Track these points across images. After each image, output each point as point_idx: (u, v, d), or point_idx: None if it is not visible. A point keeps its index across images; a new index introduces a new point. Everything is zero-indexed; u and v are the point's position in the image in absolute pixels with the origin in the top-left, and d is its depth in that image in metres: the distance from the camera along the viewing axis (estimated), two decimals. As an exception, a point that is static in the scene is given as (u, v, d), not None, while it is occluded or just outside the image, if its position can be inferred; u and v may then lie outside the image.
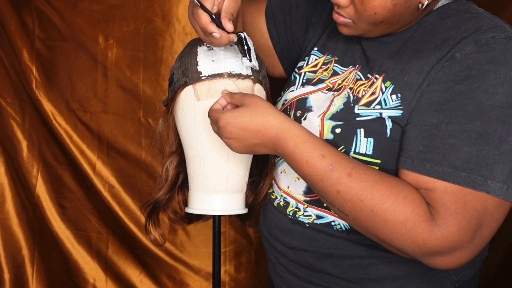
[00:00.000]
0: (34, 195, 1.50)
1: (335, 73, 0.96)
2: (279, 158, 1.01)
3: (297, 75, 1.01)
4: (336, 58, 0.97)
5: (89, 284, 1.54)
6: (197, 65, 0.94)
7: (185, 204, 1.07)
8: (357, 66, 0.93)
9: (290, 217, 0.95)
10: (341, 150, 0.85)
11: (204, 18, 0.83)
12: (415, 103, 0.81)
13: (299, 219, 0.94)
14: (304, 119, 0.92)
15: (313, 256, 0.93)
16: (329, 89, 0.94)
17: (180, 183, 1.07)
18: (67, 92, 1.46)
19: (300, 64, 1.03)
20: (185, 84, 0.95)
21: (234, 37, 0.85)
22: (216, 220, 1.06)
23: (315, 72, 0.99)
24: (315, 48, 1.02)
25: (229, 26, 0.84)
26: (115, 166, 1.50)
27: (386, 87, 0.85)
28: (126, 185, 1.50)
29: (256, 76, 0.96)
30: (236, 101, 0.87)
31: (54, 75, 1.46)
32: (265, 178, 1.05)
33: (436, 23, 0.85)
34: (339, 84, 0.93)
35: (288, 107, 0.98)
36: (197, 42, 0.98)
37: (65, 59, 1.45)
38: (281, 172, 1.00)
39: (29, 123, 1.48)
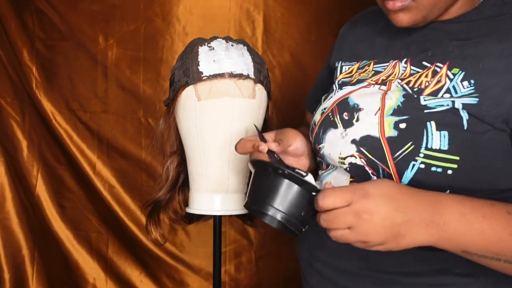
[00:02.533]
0: (34, 195, 1.50)
1: (376, 73, 0.85)
2: (323, 171, 0.88)
3: (332, 86, 0.91)
4: (376, 60, 0.87)
5: (89, 284, 1.53)
6: (198, 65, 0.94)
7: (186, 204, 1.07)
8: (405, 59, 0.83)
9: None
10: (409, 147, 0.73)
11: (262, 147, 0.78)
12: (498, 92, 0.71)
13: None
14: (357, 120, 0.80)
15: (372, 281, 0.80)
16: (372, 85, 0.83)
17: (181, 183, 1.07)
18: (67, 92, 1.46)
19: (336, 75, 0.94)
20: (186, 84, 0.95)
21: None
22: (217, 220, 1.06)
23: (351, 76, 0.89)
24: (341, 62, 0.93)
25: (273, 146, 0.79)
26: (115, 166, 1.50)
27: (454, 74, 0.76)
28: (126, 185, 1.50)
29: (257, 76, 0.96)
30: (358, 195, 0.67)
31: (54, 75, 1.46)
32: None
33: (498, 8, 0.78)
34: (383, 80, 0.83)
35: (330, 114, 0.85)
36: (198, 42, 0.98)
37: (65, 59, 1.45)
38: (326, 184, 0.85)
39: (29, 123, 1.48)
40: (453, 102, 0.73)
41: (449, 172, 0.71)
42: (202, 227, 1.49)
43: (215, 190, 0.98)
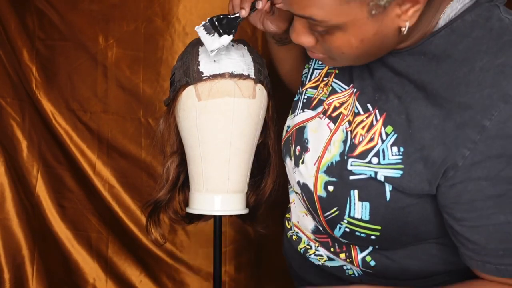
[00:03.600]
0: (34, 195, 1.50)
1: (333, 91, 0.85)
2: (291, 186, 0.95)
3: (299, 95, 0.94)
4: (337, 72, 0.86)
5: (89, 284, 1.53)
6: (199, 65, 0.94)
7: (186, 204, 1.07)
8: (355, 90, 0.80)
9: (301, 254, 0.92)
10: (334, 211, 0.77)
11: None
12: (422, 168, 0.69)
13: (310, 258, 0.91)
14: (302, 162, 0.84)
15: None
16: (324, 112, 0.84)
17: (181, 183, 1.07)
18: (67, 92, 1.46)
19: (302, 78, 0.97)
20: (187, 84, 0.95)
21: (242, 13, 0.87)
22: (217, 220, 1.06)
23: (316, 88, 0.90)
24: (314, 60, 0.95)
25: (244, 12, 0.86)
26: (115, 166, 1.50)
27: (387, 134, 0.73)
28: (126, 185, 1.50)
29: (258, 76, 0.96)
30: None
31: (54, 75, 1.46)
32: (266, 178, 1.05)
33: (446, 49, 0.70)
34: (335, 108, 0.82)
35: (290, 138, 0.91)
36: (199, 42, 0.98)
37: (65, 59, 1.45)
38: (291, 202, 0.97)
39: (29, 123, 1.48)
40: (376, 172, 0.72)
41: (373, 237, 0.75)
42: (202, 227, 1.49)
43: (216, 190, 0.98)
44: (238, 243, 1.54)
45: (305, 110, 0.89)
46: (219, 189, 0.99)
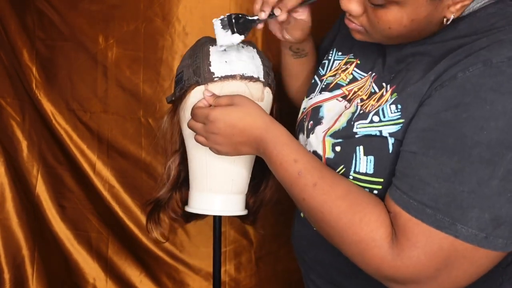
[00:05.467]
0: (34, 195, 1.50)
1: (354, 79, 0.90)
2: None
3: (318, 81, 0.98)
4: (358, 62, 0.91)
5: (89, 284, 1.53)
6: (210, 66, 0.94)
7: (183, 202, 1.07)
8: (373, 74, 0.86)
9: (315, 229, 0.91)
10: (341, 169, 0.81)
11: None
12: (414, 112, 0.74)
13: None
14: (313, 133, 0.90)
15: (341, 274, 0.90)
16: (344, 97, 0.89)
17: (181, 182, 1.08)
18: (67, 92, 1.46)
19: (320, 71, 0.99)
20: (197, 84, 0.95)
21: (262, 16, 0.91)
22: (217, 220, 1.06)
23: (335, 75, 0.94)
24: (335, 49, 0.99)
25: (263, 15, 0.90)
26: (115, 166, 1.50)
27: (392, 98, 0.78)
28: (126, 185, 1.50)
29: (266, 79, 0.97)
30: (223, 103, 0.88)
31: (54, 75, 1.46)
32: (266, 180, 1.05)
33: (465, 33, 0.75)
34: (354, 92, 0.88)
35: (305, 117, 0.95)
36: (208, 41, 0.98)
37: (65, 59, 1.45)
38: None
39: (29, 123, 1.48)
40: (380, 131, 0.77)
41: (375, 192, 0.78)
42: (202, 227, 1.49)
43: (219, 191, 0.98)
44: (238, 243, 1.54)
45: (323, 92, 0.94)
46: (223, 189, 0.99)
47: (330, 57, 0.98)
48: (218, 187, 0.98)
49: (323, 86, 0.95)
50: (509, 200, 0.65)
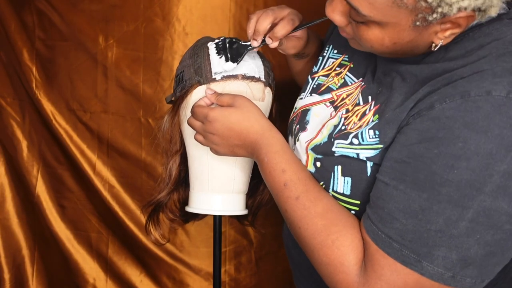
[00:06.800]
0: (34, 195, 1.50)
1: (344, 84, 0.88)
2: None
3: (310, 79, 0.97)
4: (351, 66, 0.89)
5: (89, 284, 1.54)
6: (211, 65, 0.94)
7: (181, 203, 1.07)
8: (363, 84, 0.84)
9: None
10: (322, 185, 0.81)
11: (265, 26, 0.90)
12: (393, 138, 0.73)
13: None
14: (298, 140, 0.89)
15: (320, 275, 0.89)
16: (332, 102, 0.88)
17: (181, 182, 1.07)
18: (67, 92, 1.46)
19: (313, 68, 0.99)
20: (199, 84, 0.95)
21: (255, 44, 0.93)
22: (217, 220, 1.06)
23: (327, 76, 0.93)
24: (331, 46, 0.97)
25: (255, 43, 0.92)
26: (115, 166, 1.50)
27: (373, 122, 0.76)
28: (126, 185, 1.50)
29: (267, 79, 0.97)
30: (225, 102, 0.88)
31: (54, 75, 1.46)
32: None
33: (457, 54, 0.72)
34: (342, 99, 0.86)
35: (294, 118, 0.94)
36: (209, 41, 0.98)
37: (65, 59, 1.45)
38: None
39: (29, 123, 1.48)
40: (358, 154, 0.75)
41: (352, 212, 0.77)
42: (202, 227, 1.49)
43: (221, 190, 0.98)
44: (238, 243, 1.54)
45: (313, 94, 0.93)
46: (224, 189, 0.99)
47: (325, 54, 0.97)
48: (219, 187, 0.98)
49: (314, 86, 0.94)
50: (478, 241, 0.63)
